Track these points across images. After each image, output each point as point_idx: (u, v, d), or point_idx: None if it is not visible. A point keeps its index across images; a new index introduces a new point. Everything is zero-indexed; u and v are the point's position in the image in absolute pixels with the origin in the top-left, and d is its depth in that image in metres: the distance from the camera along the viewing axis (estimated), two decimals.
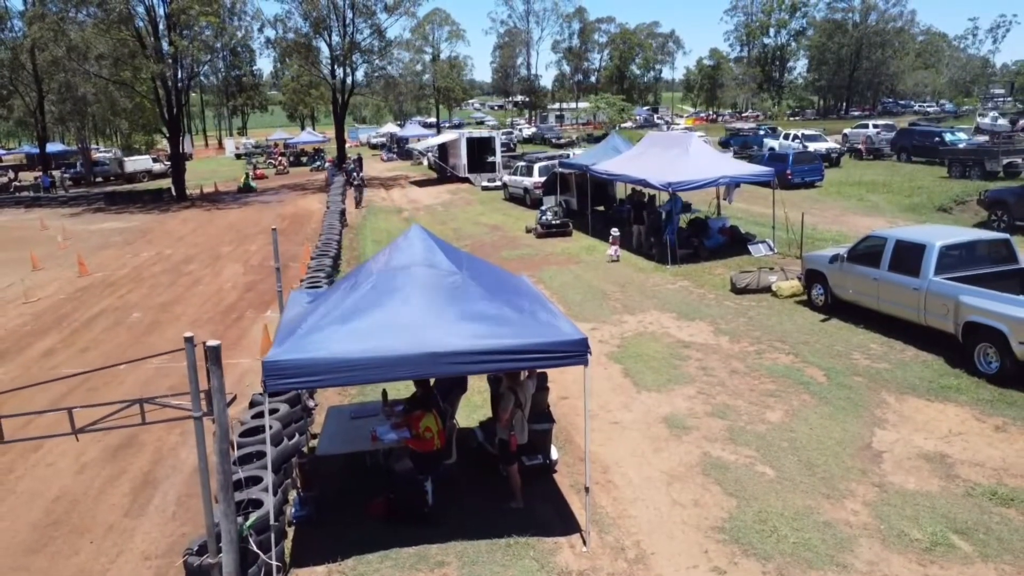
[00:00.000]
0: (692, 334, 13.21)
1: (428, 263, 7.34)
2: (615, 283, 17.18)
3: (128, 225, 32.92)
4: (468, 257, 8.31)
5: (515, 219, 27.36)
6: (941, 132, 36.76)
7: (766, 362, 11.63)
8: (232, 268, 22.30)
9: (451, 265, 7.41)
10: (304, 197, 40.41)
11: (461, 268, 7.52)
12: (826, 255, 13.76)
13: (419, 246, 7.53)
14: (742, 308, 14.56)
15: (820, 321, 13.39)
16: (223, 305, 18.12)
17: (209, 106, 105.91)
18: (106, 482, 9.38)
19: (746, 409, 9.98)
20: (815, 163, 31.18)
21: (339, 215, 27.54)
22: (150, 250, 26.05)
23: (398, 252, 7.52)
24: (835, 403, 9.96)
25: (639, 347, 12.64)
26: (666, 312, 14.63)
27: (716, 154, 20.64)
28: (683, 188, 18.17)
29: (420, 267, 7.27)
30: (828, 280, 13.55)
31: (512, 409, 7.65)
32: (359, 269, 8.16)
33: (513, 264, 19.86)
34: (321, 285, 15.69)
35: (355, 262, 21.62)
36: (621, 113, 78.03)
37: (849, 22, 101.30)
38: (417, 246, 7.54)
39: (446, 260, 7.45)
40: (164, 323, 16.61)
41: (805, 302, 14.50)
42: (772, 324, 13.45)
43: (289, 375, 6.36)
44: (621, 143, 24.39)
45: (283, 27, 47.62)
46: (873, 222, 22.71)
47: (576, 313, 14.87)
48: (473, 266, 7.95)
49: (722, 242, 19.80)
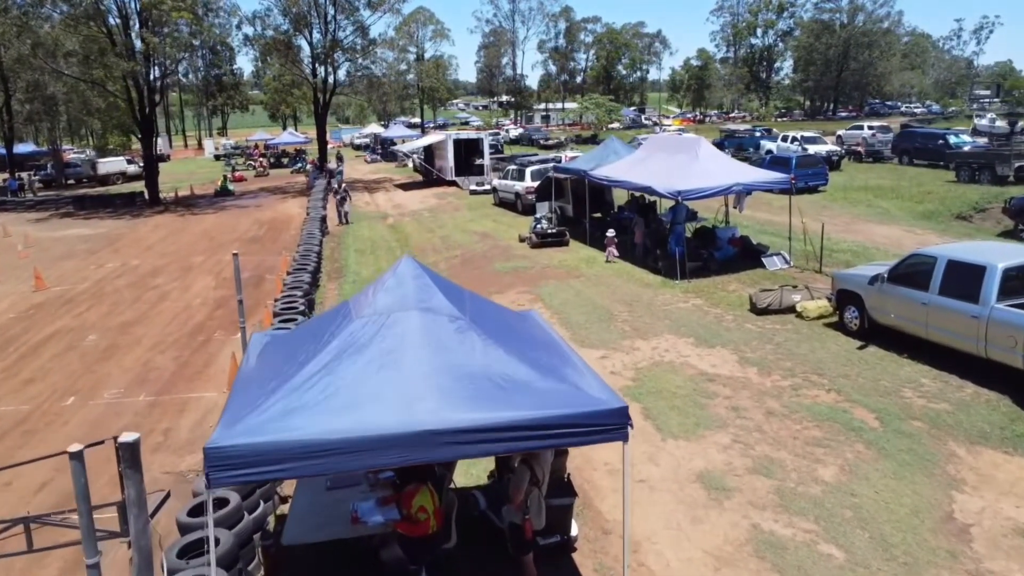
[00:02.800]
0: (715, 364, 11.75)
1: (423, 306, 5.81)
2: (621, 301, 15.70)
3: (96, 232, 31.04)
4: (471, 296, 6.78)
5: (506, 226, 25.83)
6: (945, 134, 35.61)
7: (805, 400, 10.18)
8: (203, 281, 20.62)
9: (452, 307, 5.88)
10: (284, 201, 38.66)
11: (464, 311, 6.00)
12: (862, 274, 12.35)
13: (411, 284, 5.99)
14: (766, 332, 13.11)
15: (857, 349, 11.97)
16: (190, 325, 16.46)
17: (189, 105, 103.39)
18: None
19: (793, 463, 8.52)
20: (819, 167, 29.89)
21: (319, 222, 25.92)
22: (116, 260, 24.27)
23: (385, 292, 5.97)
24: (896, 456, 8.52)
25: (658, 381, 11.16)
26: (682, 336, 13.16)
27: (726, 159, 19.23)
28: (693, 197, 16.71)
29: (414, 312, 5.74)
30: (865, 302, 12.13)
31: (527, 488, 6.14)
32: (337, 311, 6.56)
33: (508, 278, 18.35)
34: (296, 306, 14.14)
35: (336, 275, 20.03)
36: (609, 114, 76.69)
37: (836, 22, 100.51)
38: (409, 284, 6.00)
39: (445, 301, 5.92)
40: (122, 348, 14.93)
41: (835, 324, 13.09)
42: (803, 352, 12.01)
43: (240, 464, 4.79)
44: (621, 146, 22.92)
45: (262, 24, 45.79)
46: (888, 231, 21.41)
47: (581, 338, 13.38)
48: (477, 307, 6.43)
49: (732, 254, 18.39)
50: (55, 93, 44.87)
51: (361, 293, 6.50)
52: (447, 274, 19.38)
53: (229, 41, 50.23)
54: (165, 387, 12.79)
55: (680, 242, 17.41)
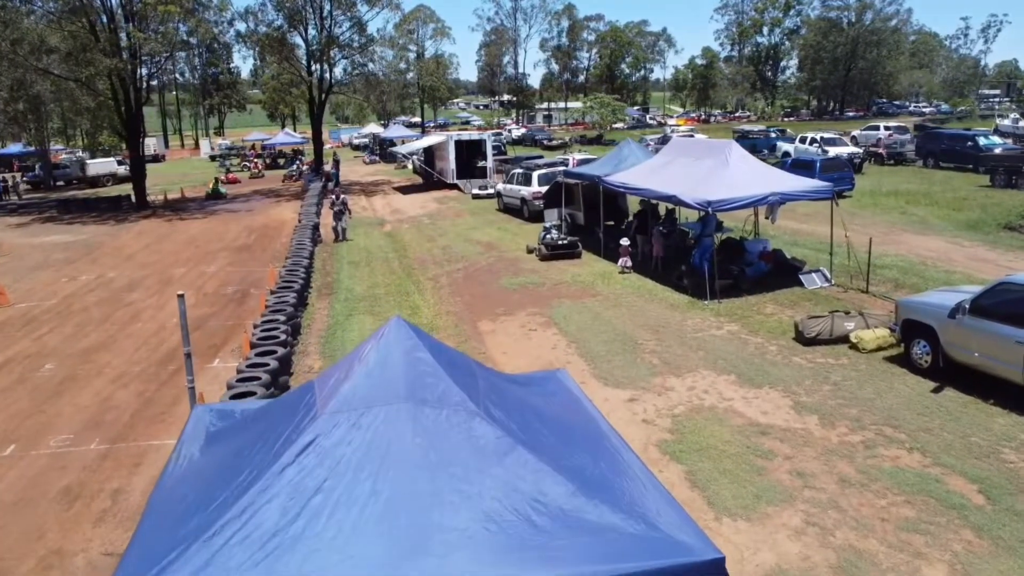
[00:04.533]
0: (765, 411, 9.96)
1: (419, 396, 4.05)
2: (646, 326, 13.92)
3: (76, 239, 29.24)
4: (481, 370, 4.99)
5: (512, 235, 24.05)
6: (974, 135, 33.80)
7: (884, 464, 8.40)
8: None
9: (459, 394, 4.13)
10: (277, 205, 36.86)
11: (477, 397, 4.23)
12: (935, 302, 10.57)
13: (402, 362, 4.22)
14: (819, 368, 11.33)
15: (931, 392, 10.19)
16: (161, 351, 14.69)
17: (186, 105, 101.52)
18: None
19: (888, 559, 6.74)
20: (844, 170, 28.09)
21: (311, 230, 24.14)
22: (92, 272, 22.47)
23: (367, 375, 4.19)
24: (1020, 551, 6.74)
25: (700, 434, 9.37)
26: (722, 373, 11.38)
27: (759, 164, 17.42)
28: (725, 208, 14.93)
29: (406, 407, 3.97)
30: (939, 336, 10.35)
31: None
32: (300, 399, 4.71)
33: (516, 296, 16.58)
34: (277, 335, 12.37)
35: (327, 292, 18.24)
36: (614, 113, 74.82)
37: (844, 21, 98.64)
38: (398, 362, 4.23)
39: (451, 384, 4.16)
40: (80, 380, 13.15)
41: (898, 358, 11.32)
42: (868, 396, 10.23)
43: None
44: (638, 150, 21.13)
45: (255, 20, 43.93)
46: (931, 242, 19.63)
47: (604, 373, 11.61)
48: (491, 386, 4.65)
49: (764, 270, 16.61)
50: (41, 92, 43.06)
51: (335, 367, 4.71)
52: (449, 291, 17.64)
53: (221, 38, 48.02)
54: (122, 431, 11.01)
55: (708, 256, 15.67)
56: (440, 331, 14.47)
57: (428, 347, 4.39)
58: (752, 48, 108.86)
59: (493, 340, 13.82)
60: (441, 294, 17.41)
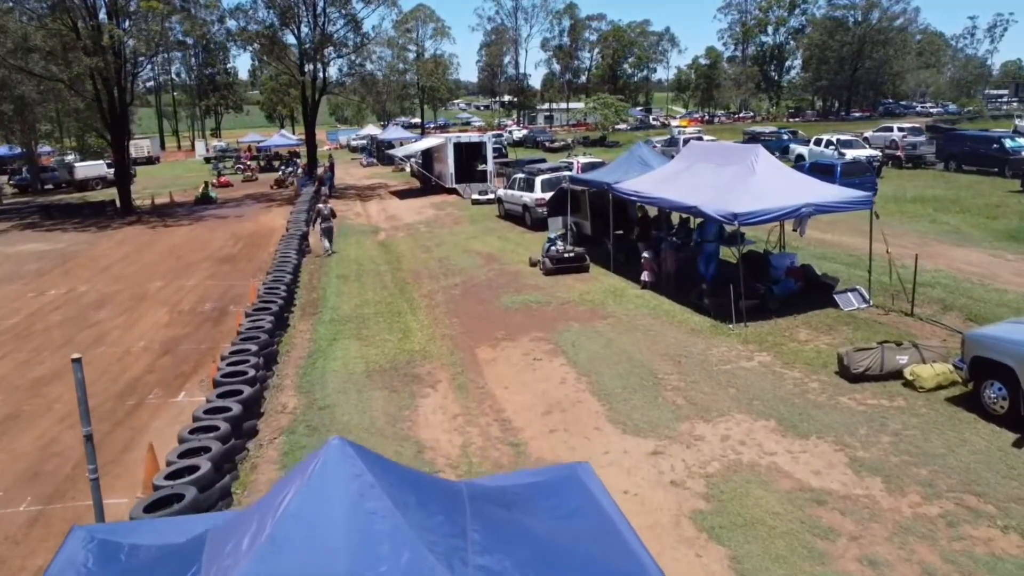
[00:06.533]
0: (817, 469, 8.36)
1: None
2: (666, 355, 12.31)
3: (53, 247, 27.67)
4: (472, 497, 3.39)
5: (514, 245, 22.47)
6: (1000, 137, 32.18)
7: (976, 549, 6.80)
8: (154, 315, 17.27)
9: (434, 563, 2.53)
10: (268, 211, 35.26)
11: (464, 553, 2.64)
12: (1014, 339, 8.97)
13: (342, 519, 2.64)
14: (873, 412, 9.73)
15: (1012, 446, 8.59)
16: (122, 381, 13.11)
17: (182, 105, 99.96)
18: None
19: None
20: (866, 175, 26.45)
21: (298, 240, 22.55)
22: (62, 286, 20.89)
23: (284, 540, 2.59)
24: None
25: (743, 503, 7.77)
26: (759, 417, 9.77)
27: (789, 171, 15.80)
28: (753, 221, 13.32)
29: None
30: (1021, 379, 8.75)
31: None
32: (187, 559, 3.11)
33: (519, 317, 14.99)
34: (246, 370, 10.78)
35: (311, 310, 16.65)
36: (617, 114, 73.12)
37: (850, 20, 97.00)
38: (337, 516, 2.65)
39: (425, 555, 2.56)
40: (24, 418, 11.57)
41: (962, 398, 9.73)
42: (938, 451, 8.62)
43: None
44: (650, 155, 19.54)
45: (245, 17, 42.31)
46: (970, 255, 18.04)
47: (622, 417, 10.02)
48: (486, 527, 3.06)
49: (793, 289, 15.00)
50: (25, 93, 41.53)
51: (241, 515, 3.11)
52: (444, 309, 16.03)
53: (210, 36, 46.41)
54: (60, 487, 9.44)
55: (712, 264, 14.20)
56: (434, 359, 12.89)
57: (383, 482, 2.81)
58: (756, 48, 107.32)
59: (493, 371, 12.22)
60: (436, 313, 15.82)
